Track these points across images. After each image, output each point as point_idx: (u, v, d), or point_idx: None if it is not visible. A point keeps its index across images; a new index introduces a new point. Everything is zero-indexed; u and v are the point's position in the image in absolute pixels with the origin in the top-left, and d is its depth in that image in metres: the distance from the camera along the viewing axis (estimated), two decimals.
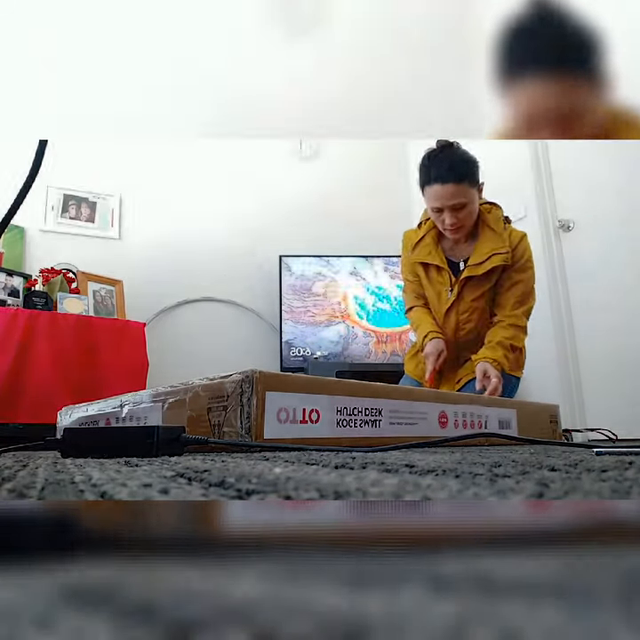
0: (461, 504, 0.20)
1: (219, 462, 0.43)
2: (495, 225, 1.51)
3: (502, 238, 1.49)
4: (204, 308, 2.72)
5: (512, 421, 1.11)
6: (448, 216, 1.45)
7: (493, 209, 1.55)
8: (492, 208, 1.55)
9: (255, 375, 0.70)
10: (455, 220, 1.45)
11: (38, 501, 0.23)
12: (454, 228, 1.47)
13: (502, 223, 1.52)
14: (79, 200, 2.60)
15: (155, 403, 0.84)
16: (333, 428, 0.77)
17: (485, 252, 1.48)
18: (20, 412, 1.85)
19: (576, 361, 2.19)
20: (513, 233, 1.52)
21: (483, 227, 1.51)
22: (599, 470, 0.30)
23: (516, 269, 1.50)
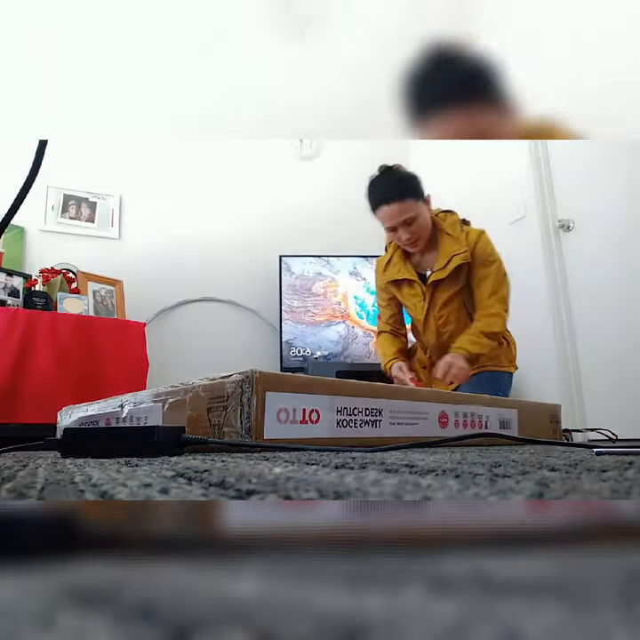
0: (461, 504, 0.20)
1: (219, 462, 0.43)
2: (452, 230, 1.60)
3: (460, 240, 1.57)
4: (204, 308, 2.72)
5: (512, 421, 1.11)
6: (402, 232, 1.54)
7: (448, 216, 1.64)
8: (447, 215, 1.64)
9: (255, 375, 0.70)
10: (409, 234, 1.54)
11: (38, 501, 0.23)
12: (411, 242, 1.57)
13: (459, 227, 1.61)
14: (79, 200, 2.60)
15: (155, 403, 0.84)
16: (333, 428, 0.77)
17: (446, 256, 1.56)
18: (20, 412, 1.85)
19: (576, 361, 2.19)
20: (470, 233, 1.60)
21: (441, 235, 1.60)
22: (599, 470, 0.30)
23: (480, 265, 1.56)
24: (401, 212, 1.50)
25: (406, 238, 1.55)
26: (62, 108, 0.58)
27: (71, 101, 0.57)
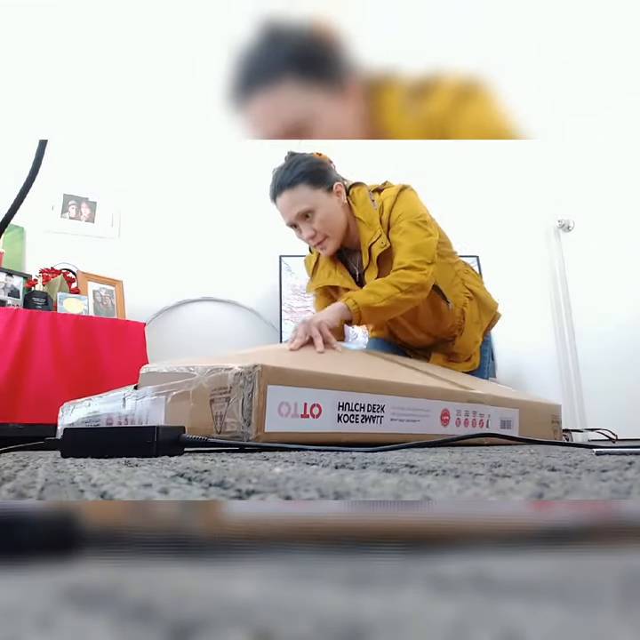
0: (461, 504, 0.20)
1: (219, 462, 0.43)
2: (363, 212, 1.28)
3: (373, 223, 1.26)
4: (204, 308, 2.72)
5: (514, 421, 1.11)
6: (303, 229, 1.27)
7: (356, 192, 1.31)
8: (356, 191, 1.31)
9: (257, 368, 0.70)
10: (311, 231, 1.26)
11: (38, 501, 0.23)
12: (318, 242, 1.28)
13: (370, 202, 1.29)
14: (79, 200, 2.60)
15: (158, 396, 0.84)
16: (334, 423, 0.77)
17: (366, 247, 1.27)
18: (20, 412, 1.85)
19: (576, 361, 2.19)
20: (385, 201, 1.28)
21: (356, 224, 1.29)
22: (599, 470, 0.30)
23: (396, 231, 1.25)
24: (292, 202, 1.23)
25: (308, 236, 1.27)
26: (62, 108, 0.58)
27: (71, 101, 0.58)
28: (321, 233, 1.26)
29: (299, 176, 1.24)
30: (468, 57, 0.56)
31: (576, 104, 0.58)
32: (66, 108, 0.58)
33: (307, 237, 1.28)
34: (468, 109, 0.58)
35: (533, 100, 0.58)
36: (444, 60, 0.56)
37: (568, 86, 0.57)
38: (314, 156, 1.31)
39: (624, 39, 0.54)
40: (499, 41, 0.55)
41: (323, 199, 1.24)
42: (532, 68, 0.56)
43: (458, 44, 0.55)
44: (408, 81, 0.58)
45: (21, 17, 0.54)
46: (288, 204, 1.24)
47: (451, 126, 0.59)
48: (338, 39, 0.56)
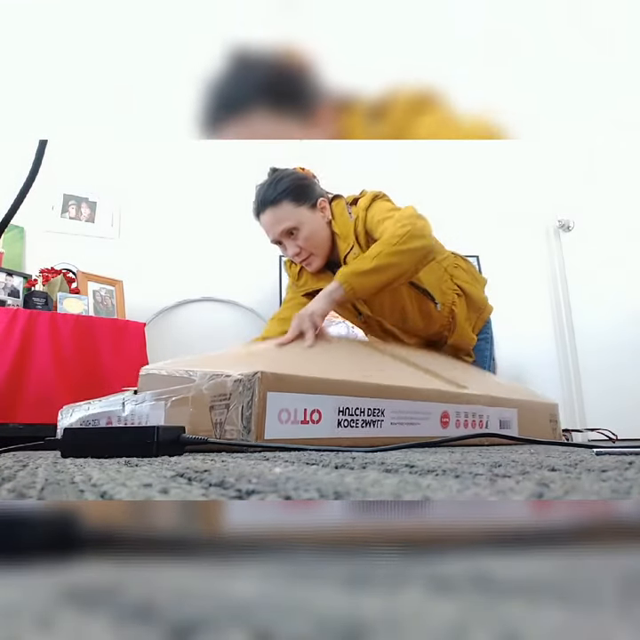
0: (461, 504, 0.20)
1: (219, 462, 0.43)
2: (340, 226, 1.25)
3: (349, 235, 1.23)
4: (204, 308, 2.72)
5: (512, 421, 1.11)
6: (288, 246, 1.25)
7: (334, 205, 1.28)
8: (335, 205, 1.28)
9: (257, 375, 0.70)
10: (296, 248, 1.24)
11: (38, 501, 0.23)
12: (302, 259, 1.26)
13: (346, 214, 1.26)
14: (79, 200, 2.60)
15: (157, 401, 0.84)
16: (335, 428, 0.77)
17: (342, 260, 1.25)
18: (20, 412, 1.85)
19: (576, 361, 2.19)
20: (360, 212, 1.24)
21: (336, 238, 1.26)
22: (599, 470, 0.30)
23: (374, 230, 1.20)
24: (276, 219, 1.21)
25: (293, 253, 1.25)
26: (62, 108, 0.58)
27: (71, 101, 0.58)
28: (306, 250, 1.25)
29: (282, 193, 1.22)
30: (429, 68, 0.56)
31: (576, 104, 0.58)
32: (65, 108, 0.58)
33: (292, 254, 1.26)
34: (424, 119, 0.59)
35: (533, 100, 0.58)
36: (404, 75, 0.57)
37: (568, 86, 0.57)
38: (297, 171, 1.29)
39: (624, 39, 0.54)
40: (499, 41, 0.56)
41: (307, 216, 1.23)
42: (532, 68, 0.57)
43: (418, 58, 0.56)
44: (367, 102, 0.58)
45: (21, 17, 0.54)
46: (272, 222, 1.23)
47: (409, 132, 0.60)
48: (307, 64, 0.56)
